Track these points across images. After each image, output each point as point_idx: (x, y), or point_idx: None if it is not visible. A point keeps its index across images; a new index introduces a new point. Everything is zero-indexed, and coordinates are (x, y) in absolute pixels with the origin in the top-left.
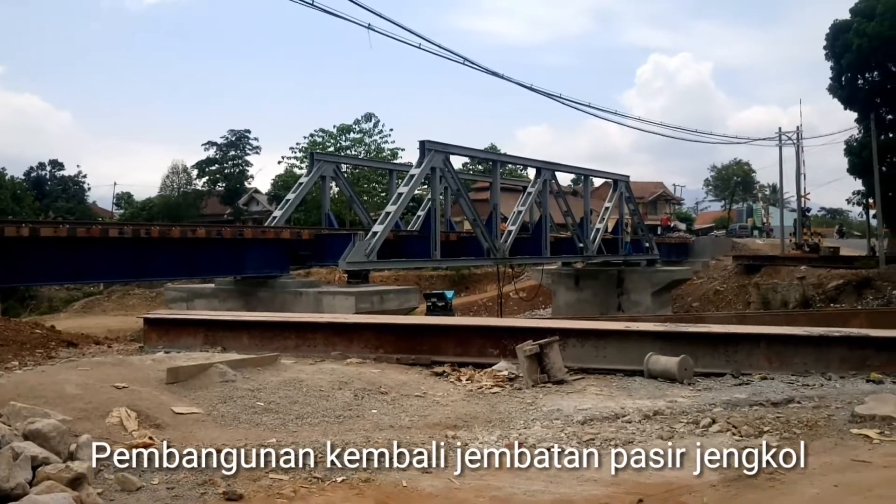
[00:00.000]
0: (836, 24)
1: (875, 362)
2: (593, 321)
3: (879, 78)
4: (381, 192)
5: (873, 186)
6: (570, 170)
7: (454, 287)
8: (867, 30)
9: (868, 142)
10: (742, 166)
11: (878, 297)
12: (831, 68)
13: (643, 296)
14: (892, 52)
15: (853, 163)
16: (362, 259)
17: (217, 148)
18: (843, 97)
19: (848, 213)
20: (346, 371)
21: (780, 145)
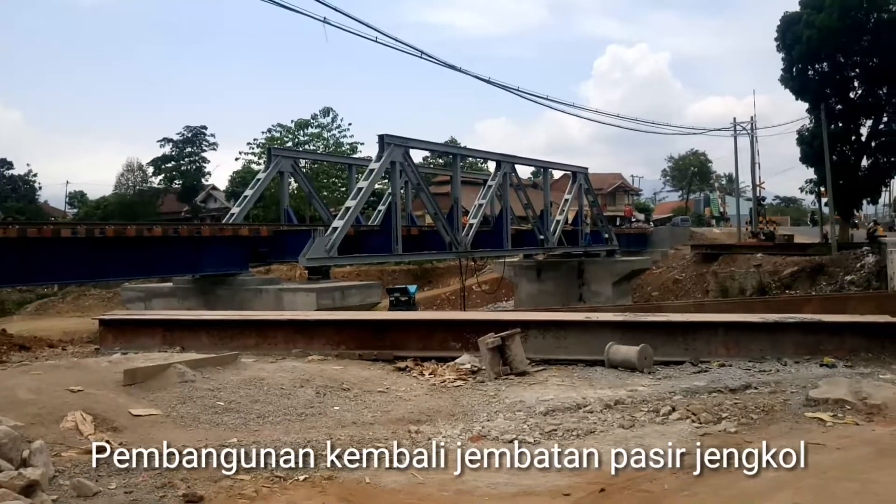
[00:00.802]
0: (787, 16)
1: (828, 347)
2: (554, 312)
3: (829, 69)
4: (340, 188)
5: (825, 175)
6: (530, 162)
7: (417, 281)
8: (816, 22)
9: (819, 131)
10: (699, 156)
11: (830, 282)
12: (783, 59)
13: (604, 286)
14: (840, 44)
15: (805, 152)
16: (323, 255)
17: (173, 145)
18: (794, 88)
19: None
20: (307, 368)
21: (735, 135)
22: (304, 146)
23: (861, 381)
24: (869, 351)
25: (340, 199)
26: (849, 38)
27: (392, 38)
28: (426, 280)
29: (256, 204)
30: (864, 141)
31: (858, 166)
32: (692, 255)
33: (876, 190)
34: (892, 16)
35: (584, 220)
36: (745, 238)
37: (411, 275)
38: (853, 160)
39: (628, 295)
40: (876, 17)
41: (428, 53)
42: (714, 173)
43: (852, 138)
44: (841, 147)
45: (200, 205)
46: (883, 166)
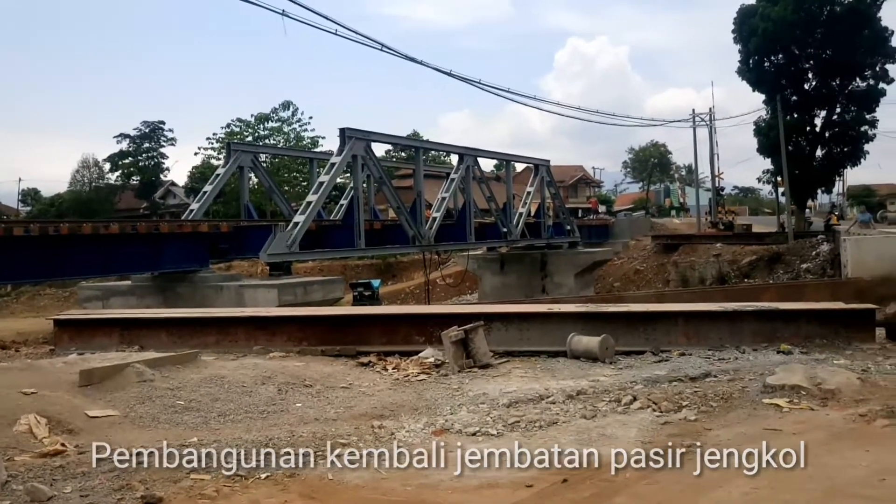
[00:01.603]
0: (743, 8)
1: (784, 334)
2: (517, 305)
3: (784, 61)
4: (302, 182)
5: (781, 165)
6: (492, 155)
7: (381, 276)
8: (772, 14)
9: (775, 122)
10: (659, 148)
11: (787, 271)
12: (740, 52)
13: (566, 277)
14: (795, 36)
15: (762, 143)
16: (284, 250)
17: (130, 140)
18: (751, 79)
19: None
20: (269, 365)
21: (694, 127)
22: (264, 141)
23: (816, 367)
24: (823, 337)
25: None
26: (803, 31)
27: (352, 30)
28: (390, 274)
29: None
30: (818, 132)
31: (813, 156)
32: (653, 246)
33: (830, 179)
34: (844, 9)
35: (547, 213)
36: (705, 228)
37: (375, 269)
38: (808, 150)
39: (591, 286)
40: (829, 10)
41: (389, 46)
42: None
43: (807, 129)
44: (796, 138)
45: (159, 201)
46: (836, 156)
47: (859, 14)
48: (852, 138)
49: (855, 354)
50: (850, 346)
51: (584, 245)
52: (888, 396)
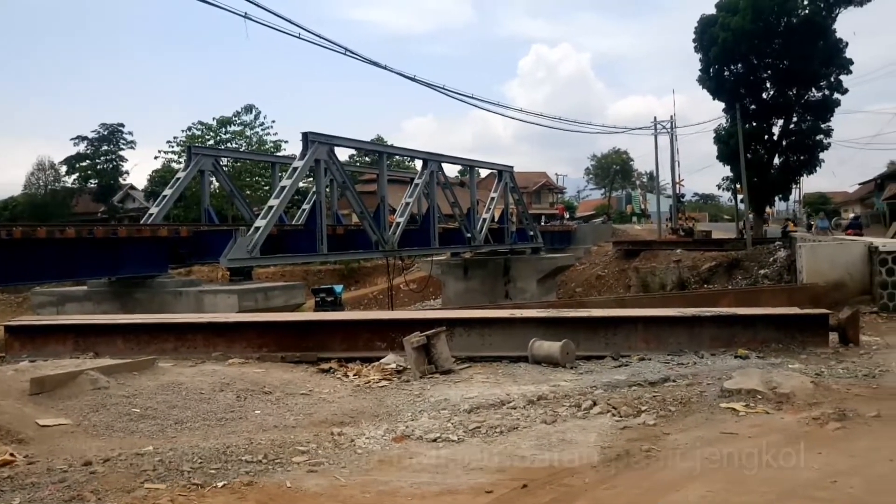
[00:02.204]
0: (704, 18)
1: (742, 339)
2: (479, 310)
3: (743, 70)
4: (264, 186)
5: (740, 172)
6: (457, 161)
7: (344, 281)
8: (731, 24)
9: (735, 130)
10: (621, 155)
11: (746, 276)
12: (700, 60)
13: (529, 283)
14: (753, 46)
15: (722, 150)
16: (245, 255)
17: (88, 143)
18: (711, 88)
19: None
20: (228, 372)
21: (655, 134)
22: (226, 144)
23: (772, 371)
24: (779, 342)
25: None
26: (761, 41)
27: (315, 34)
28: (353, 280)
29: (177, 204)
30: (776, 140)
31: (771, 164)
32: (614, 252)
33: (787, 187)
34: (800, 20)
35: (510, 219)
36: (666, 234)
37: (337, 274)
38: (766, 158)
39: (553, 291)
40: (786, 22)
41: (352, 51)
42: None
43: (765, 137)
44: (755, 146)
45: (118, 205)
46: (793, 164)
47: (814, 26)
48: (808, 147)
49: (809, 358)
50: (805, 350)
51: (546, 251)
52: (840, 399)
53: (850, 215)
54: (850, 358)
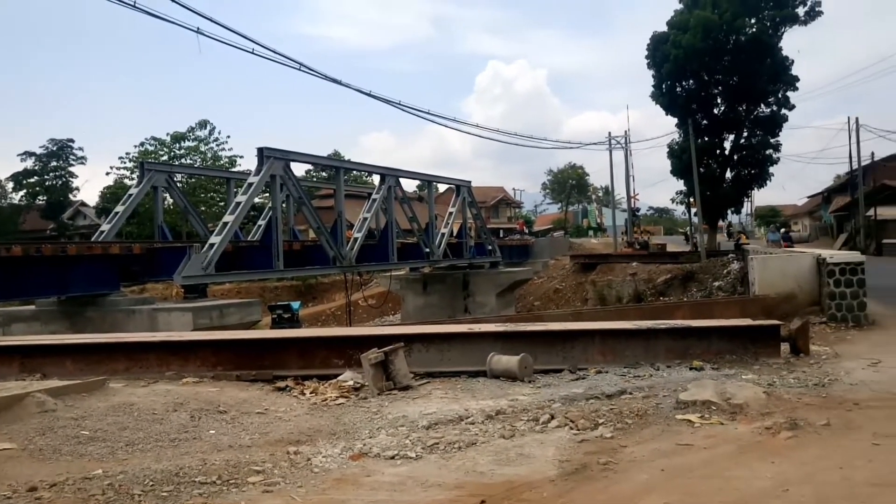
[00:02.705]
0: (656, 35)
1: (696, 350)
2: (437, 325)
3: (695, 86)
4: (219, 202)
5: (693, 186)
6: (414, 176)
7: (301, 297)
8: (682, 42)
9: (688, 145)
10: (577, 170)
11: (700, 289)
12: (653, 76)
13: (488, 297)
14: (704, 63)
15: (675, 165)
16: (199, 273)
17: (36, 159)
18: (664, 104)
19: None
20: (181, 391)
21: (610, 149)
22: (180, 160)
23: (726, 383)
24: (733, 353)
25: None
26: (711, 58)
27: (270, 49)
28: (310, 296)
29: (129, 220)
30: (727, 154)
31: (723, 178)
32: (571, 265)
33: (739, 200)
34: (748, 38)
35: (469, 233)
36: (622, 248)
37: (294, 291)
38: (718, 172)
39: (512, 305)
40: (734, 39)
41: (307, 66)
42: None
43: (717, 152)
44: (707, 160)
45: (68, 222)
46: (744, 178)
47: (762, 44)
48: (759, 161)
49: (762, 369)
50: (758, 361)
51: (505, 265)
52: (791, 409)
53: (782, 230)
54: (800, 368)
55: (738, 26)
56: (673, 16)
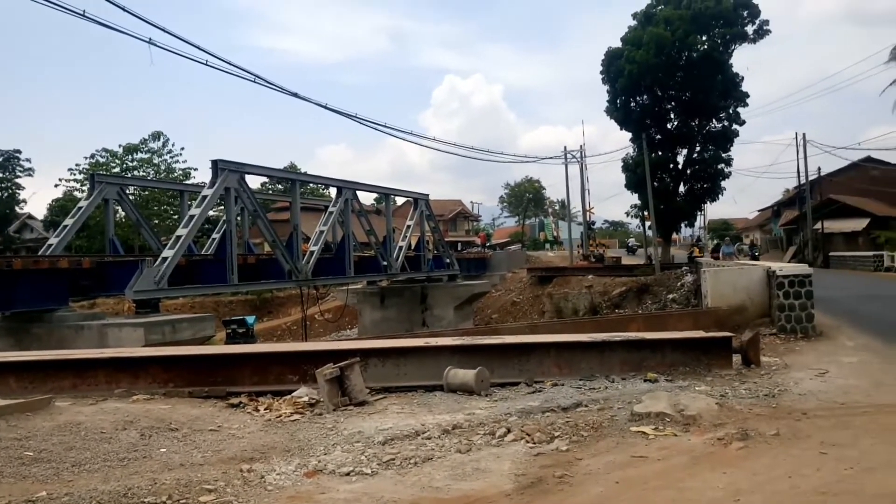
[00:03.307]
0: (610, 51)
1: (651, 362)
2: (394, 339)
3: (649, 101)
4: (173, 215)
5: (648, 200)
6: (372, 189)
7: (256, 312)
8: (636, 57)
9: (641, 160)
10: (533, 184)
11: (655, 301)
12: (608, 91)
13: (446, 310)
14: (657, 78)
15: (630, 178)
16: (152, 287)
17: None
18: (618, 118)
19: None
20: (131, 409)
21: (566, 163)
22: (132, 172)
23: (679, 394)
24: (686, 365)
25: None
26: (665, 74)
27: (225, 61)
28: (266, 310)
29: (79, 234)
30: (680, 169)
31: (677, 192)
32: (528, 278)
33: (692, 214)
34: (699, 55)
35: (427, 246)
36: (577, 261)
37: (249, 305)
38: (672, 186)
39: (470, 318)
40: (687, 56)
41: (263, 78)
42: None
43: (671, 166)
44: (661, 174)
45: (14, 235)
46: (697, 192)
47: (713, 60)
48: (711, 175)
49: (714, 380)
50: (711, 372)
51: (463, 278)
52: (742, 420)
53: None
54: (751, 379)
55: (691, 43)
56: (627, 32)
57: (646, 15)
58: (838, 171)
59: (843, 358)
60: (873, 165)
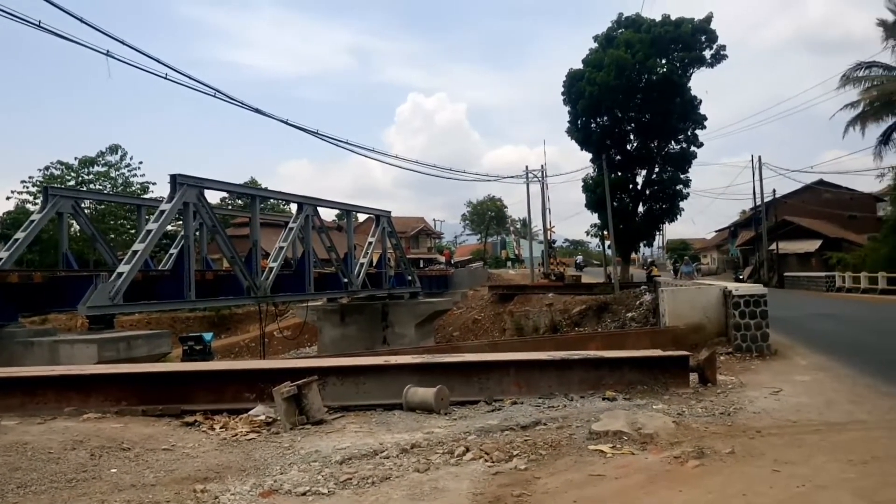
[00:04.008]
0: (572, 72)
1: (609, 381)
2: (353, 357)
3: (609, 122)
4: (129, 230)
5: (607, 220)
6: (333, 205)
7: (214, 328)
8: (597, 79)
9: (601, 180)
10: (495, 202)
11: (614, 319)
12: (569, 112)
13: (407, 328)
14: (618, 100)
15: (590, 198)
16: (106, 302)
17: None
18: (579, 139)
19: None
20: (81, 428)
21: (527, 183)
22: (89, 185)
23: (637, 413)
24: (644, 383)
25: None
26: (625, 96)
27: (185, 74)
28: (224, 327)
29: (31, 248)
30: (640, 189)
31: (636, 212)
32: (490, 296)
33: (651, 234)
34: (658, 78)
35: (388, 263)
36: (538, 279)
37: (207, 322)
38: (631, 206)
39: (431, 336)
40: (646, 79)
41: (223, 92)
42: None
43: (630, 186)
44: (621, 194)
45: None
46: (656, 212)
47: (672, 83)
48: (669, 196)
49: (671, 399)
50: (668, 391)
51: (424, 295)
52: (699, 438)
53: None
54: (708, 397)
55: (650, 66)
56: (588, 54)
57: (607, 38)
58: (792, 193)
59: (797, 377)
60: (825, 188)
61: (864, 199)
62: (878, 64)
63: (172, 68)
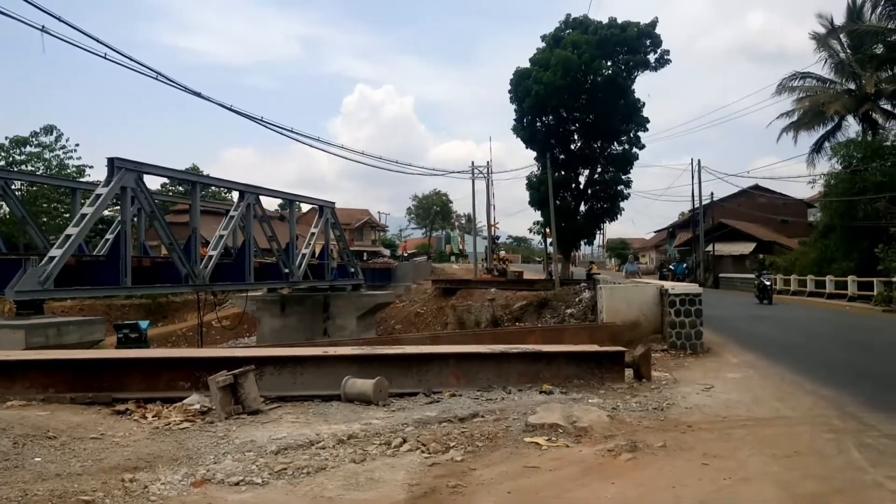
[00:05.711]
0: (519, 71)
1: (546, 374)
2: (291, 348)
3: (554, 122)
4: (63, 214)
5: (550, 218)
6: (276, 194)
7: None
8: (543, 78)
9: (545, 178)
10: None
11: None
12: (515, 110)
13: (349, 320)
14: (563, 100)
15: (533, 196)
16: (36, 287)
17: None
18: (524, 137)
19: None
20: (4, 416)
21: (473, 178)
22: (20, 166)
23: (573, 406)
24: (581, 377)
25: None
26: (570, 96)
27: (125, 55)
28: (161, 315)
29: None
30: (582, 188)
31: (578, 211)
32: (433, 290)
33: (592, 232)
34: (603, 79)
35: (331, 255)
36: (481, 274)
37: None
38: (574, 205)
39: (373, 328)
40: (592, 80)
41: (165, 75)
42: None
43: (573, 185)
44: (563, 193)
45: None
46: (597, 212)
47: (616, 85)
48: (611, 196)
49: (607, 393)
50: (604, 385)
51: (367, 288)
52: (632, 432)
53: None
54: (642, 392)
55: (596, 67)
56: (536, 53)
57: (554, 38)
58: (729, 196)
59: (728, 374)
60: (760, 193)
61: (796, 205)
62: (812, 75)
63: (111, 48)
